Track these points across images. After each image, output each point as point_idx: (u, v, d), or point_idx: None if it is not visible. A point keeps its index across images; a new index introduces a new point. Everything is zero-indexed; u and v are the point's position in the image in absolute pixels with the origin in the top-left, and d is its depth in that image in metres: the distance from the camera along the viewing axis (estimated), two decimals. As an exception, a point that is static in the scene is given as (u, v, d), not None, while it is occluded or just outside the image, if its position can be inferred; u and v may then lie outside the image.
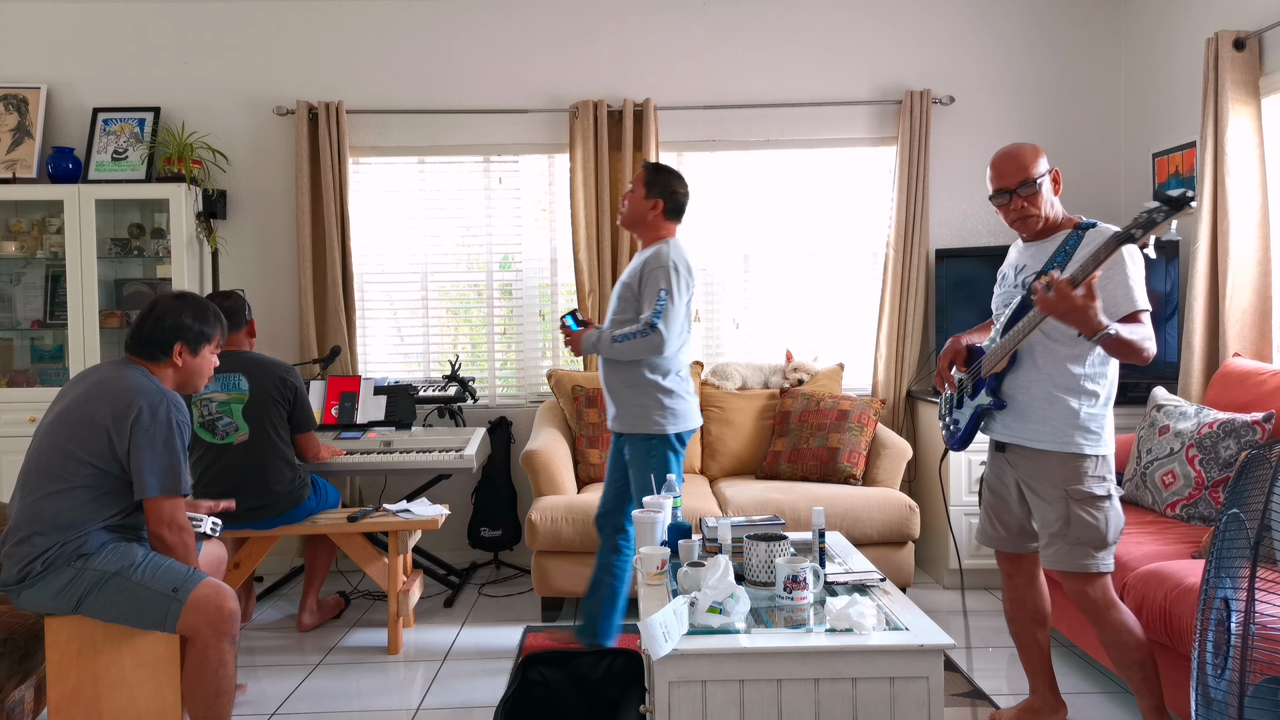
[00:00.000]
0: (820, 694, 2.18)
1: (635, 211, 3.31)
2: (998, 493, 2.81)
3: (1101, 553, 2.55)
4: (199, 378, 2.77)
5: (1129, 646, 2.57)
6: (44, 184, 4.61)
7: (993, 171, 2.66)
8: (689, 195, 3.36)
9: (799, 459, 4.33)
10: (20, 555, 2.52)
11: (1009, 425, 2.66)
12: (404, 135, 4.85)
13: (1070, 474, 2.55)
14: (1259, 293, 3.75)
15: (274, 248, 4.85)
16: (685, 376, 3.32)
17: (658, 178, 3.30)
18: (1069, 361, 2.56)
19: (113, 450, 2.53)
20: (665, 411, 3.23)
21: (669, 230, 3.33)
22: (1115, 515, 2.57)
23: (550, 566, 3.93)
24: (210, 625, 2.54)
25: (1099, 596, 2.57)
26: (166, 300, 2.73)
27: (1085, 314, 2.32)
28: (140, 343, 2.68)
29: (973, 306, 4.62)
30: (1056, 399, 2.56)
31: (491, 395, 4.98)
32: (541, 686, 2.74)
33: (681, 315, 3.21)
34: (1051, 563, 2.60)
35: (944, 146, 4.85)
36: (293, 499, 3.63)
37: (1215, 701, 1.86)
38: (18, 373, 4.75)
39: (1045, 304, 2.36)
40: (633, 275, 3.26)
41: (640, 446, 3.26)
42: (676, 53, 4.86)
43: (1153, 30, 4.61)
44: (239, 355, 3.64)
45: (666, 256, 3.19)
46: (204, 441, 3.59)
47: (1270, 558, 1.84)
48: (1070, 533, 2.55)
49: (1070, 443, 2.55)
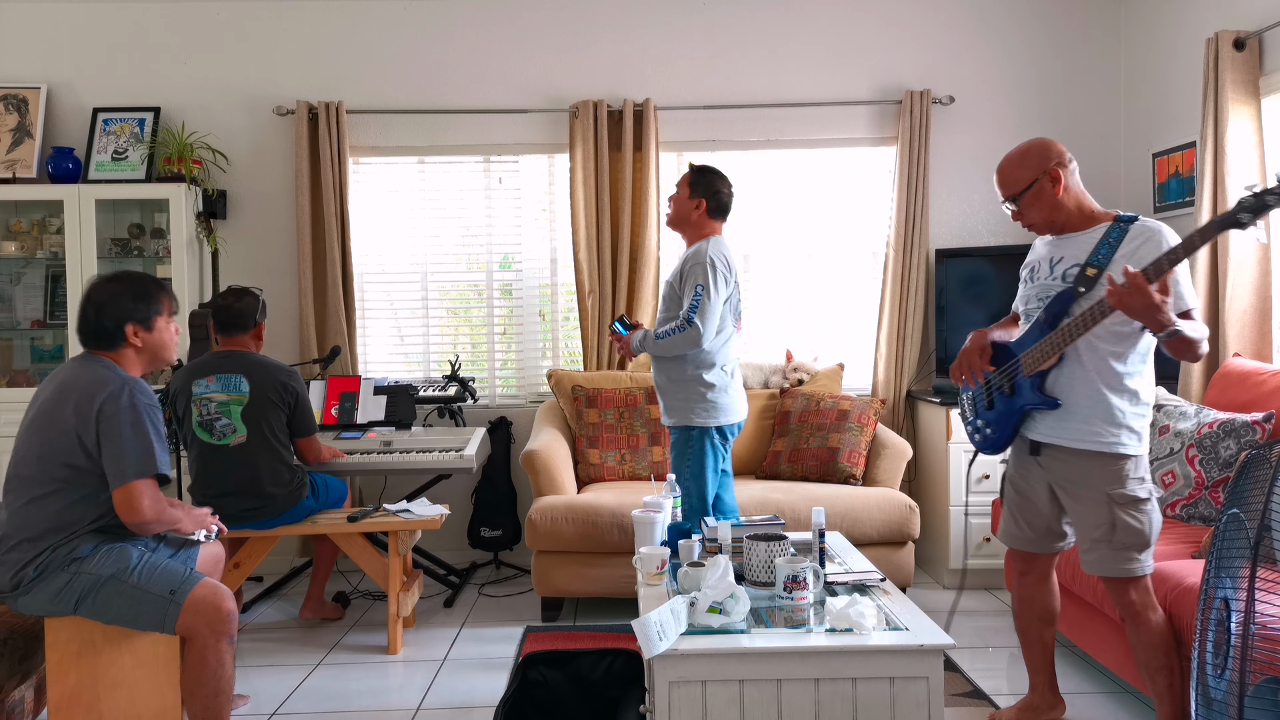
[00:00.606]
0: (820, 694, 2.18)
1: (679, 212, 3.43)
2: (1024, 493, 2.73)
3: (1144, 554, 2.50)
4: (166, 349, 2.70)
5: (1161, 650, 2.53)
6: (44, 184, 4.61)
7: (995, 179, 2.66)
8: (733, 194, 3.47)
9: (799, 459, 4.33)
10: (12, 562, 2.51)
11: (1050, 425, 2.56)
12: (404, 135, 4.85)
13: (1112, 476, 2.49)
14: (1259, 293, 3.75)
15: (274, 248, 4.85)
16: (730, 371, 3.40)
17: (701, 178, 3.41)
18: (1112, 359, 2.49)
19: (84, 448, 2.50)
20: (706, 405, 3.32)
21: (713, 229, 3.42)
22: (1157, 516, 2.53)
23: (550, 566, 3.93)
24: (208, 625, 2.54)
25: (1140, 598, 2.53)
26: (100, 287, 2.64)
27: (1159, 311, 2.25)
28: (90, 336, 2.63)
29: (973, 306, 4.63)
30: (1100, 397, 2.48)
31: (491, 395, 4.98)
32: (541, 686, 2.74)
33: (719, 309, 3.28)
34: (1094, 568, 2.53)
35: (944, 146, 4.85)
36: (289, 501, 3.62)
37: (1215, 701, 1.86)
38: (18, 373, 4.75)
39: (1118, 297, 2.27)
40: (674, 274, 3.39)
41: (681, 438, 3.37)
42: (676, 53, 4.86)
43: (1153, 30, 4.61)
44: (242, 357, 3.63)
45: (705, 253, 3.28)
46: (201, 441, 3.58)
47: (1270, 558, 1.84)
48: (1115, 538, 2.49)
49: (1115, 443, 2.48)
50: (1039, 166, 2.55)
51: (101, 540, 2.55)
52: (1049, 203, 2.56)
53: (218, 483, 3.56)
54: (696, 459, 3.32)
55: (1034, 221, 2.61)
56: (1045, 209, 2.57)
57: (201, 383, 3.58)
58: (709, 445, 3.34)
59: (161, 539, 2.76)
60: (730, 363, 3.39)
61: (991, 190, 4.85)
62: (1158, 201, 4.53)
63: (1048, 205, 2.56)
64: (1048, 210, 2.57)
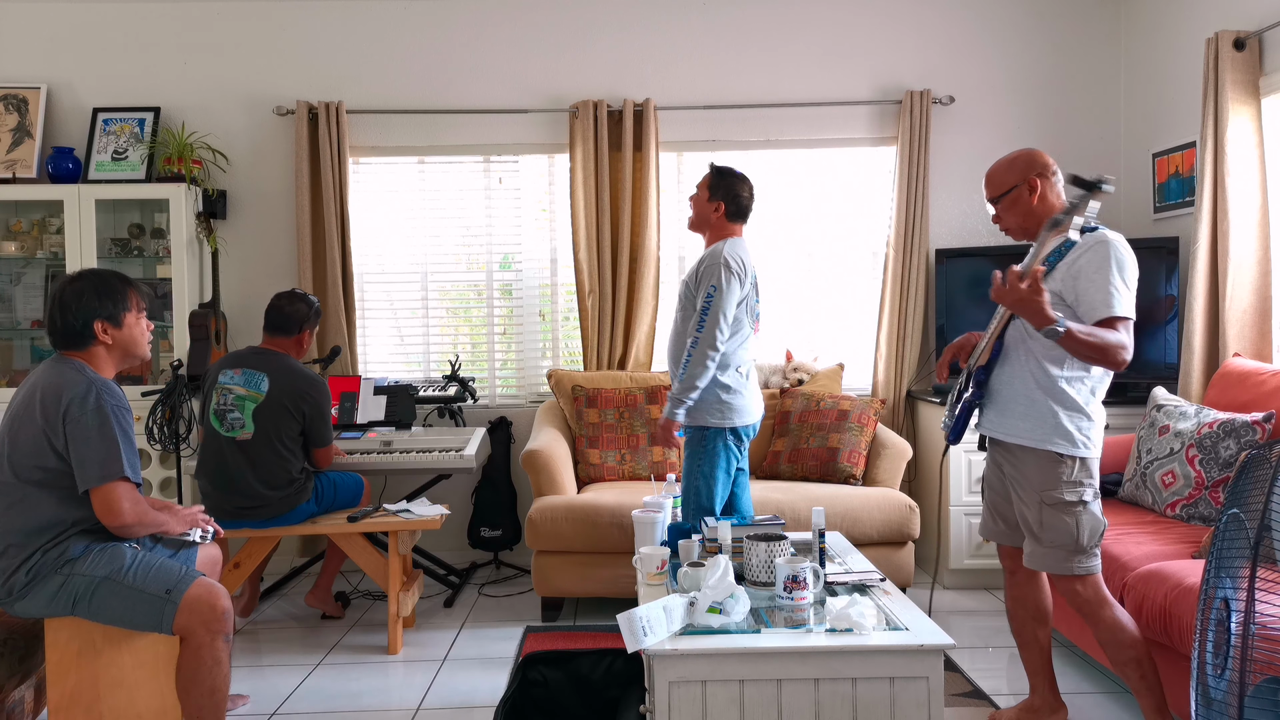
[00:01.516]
0: (820, 694, 2.18)
1: (699, 214, 3.43)
2: (992, 486, 2.84)
3: (1078, 557, 2.56)
4: (137, 345, 2.68)
5: (1124, 645, 2.57)
6: (44, 184, 4.61)
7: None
8: (753, 196, 3.45)
9: (799, 459, 4.33)
10: (1, 569, 2.51)
11: (993, 420, 2.69)
12: (404, 135, 4.85)
13: (1046, 476, 2.56)
14: (1259, 293, 3.75)
15: (274, 248, 4.85)
16: (746, 373, 3.39)
17: (720, 181, 3.41)
18: (1046, 361, 2.57)
19: (54, 450, 2.48)
20: (721, 406, 3.31)
21: (732, 231, 3.42)
22: (1090, 520, 2.56)
23: (550, 566, 3.93)
24: (204, 624, 2.53)
25: (1089, 595, 2.58)
26: (65, 288, 2.60)
27: (1031, 305, 2.38)
28: (60, 337, 2.61)
29: (973, 306, 4.63)
30: (1036, 398, 2.58)
31: (491, 395, 4.98)
32: (541, 686, 2.74)
33: (731, 310, 3.26)
34: (1030, 562, 2.64)
35: (944, 146, 4.85)
36: (285, 504, 3.63)
37: (1215, 701, 1.86)
38: (18, 373, 4.75)
39: (995, 294, 2.44)
40: (690, 274, 3.39)
41: (695, 437, 3.36)
42: (676, 53, 4.86)
43: (1153, 30, 4.61)
44: (274, 357, 3.66)
45: (720, 254, 3.29)
46: (212, 428, 3.62)
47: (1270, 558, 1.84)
48: (1044, 536, 2.58)
49: (1048, 441, 2.56)
50: (1022, 174, 2.66)
51: (92, 541, 2.54)
52: (1024, 209, 2.66)
53: (216, 472, 3.59)
54: (710, 460, 3.31)
55: (1009, 225, 2.72)
56: (1019, 215, 2.68)
57: (228, 373, 3.63)
58: (723, 447, 3.33)
59: (158, 539, 2.75)
60: (745, 364, 3.38)
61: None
62: (1158, 202, 4.53)
63: (1022, 212, 2.67)
64: (1021, 216, 2.68)
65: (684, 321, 3.38)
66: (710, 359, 3.23)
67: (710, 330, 3.22)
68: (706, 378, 3.24)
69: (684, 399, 3.25)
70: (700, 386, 3.24)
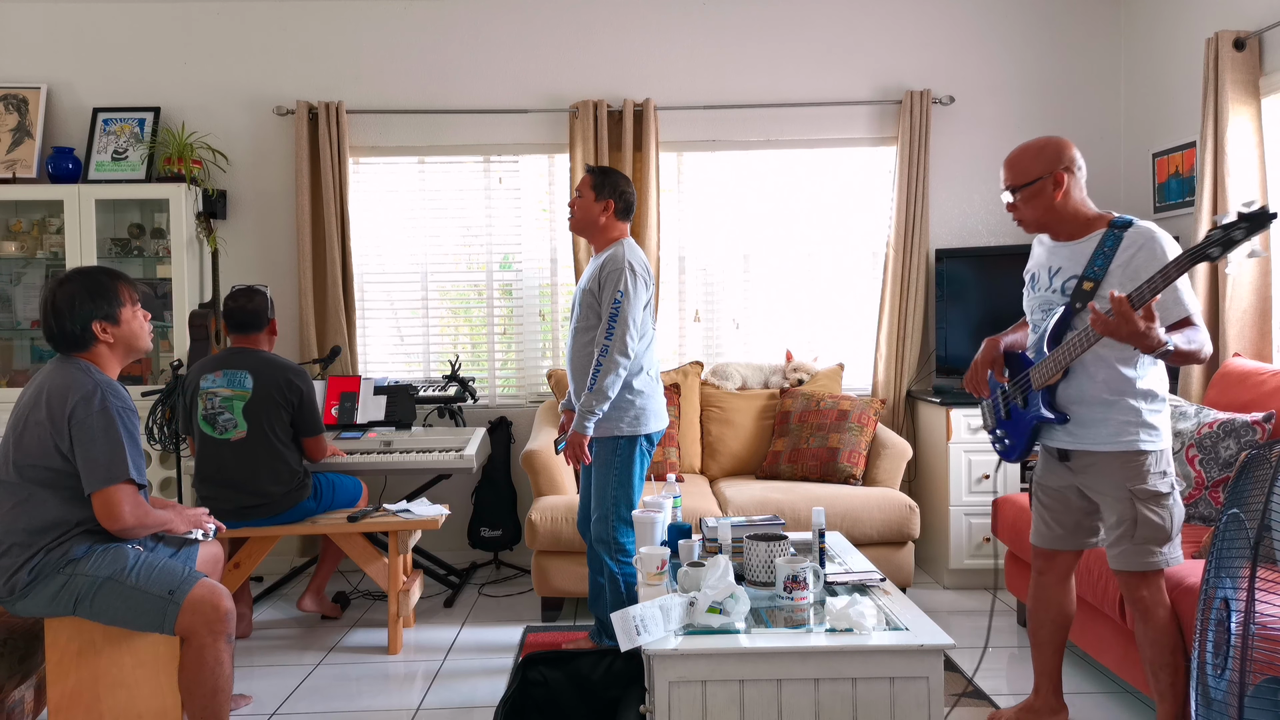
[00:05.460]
0: (820, 694, 2.18)
1: (586, 216, 3.33)
2: (1052, 495, 2.77)
3: (1165, 547, 2.53)
4: (138, 339, 2.67)
5: (1167, 648, 2.55)
6: (44, 184, 4.61)
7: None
8: (635, 193, 3.40)
9: (799, 459, 4.33)
10: (4, 568, 2.51)
11: (1071, 433, 2.60)
12: (404, 135, 4.85)
13: (1132, 473, 2.52)
14: (1259, 293, 3.75)
15: (274, 248, 4.85)
16: (655, 376, 3.33)
17: (605, 179, 3.33)
18: (1121, 365, 2.53)
19: (59, 451, 2.49)
20: (636, 412, 3.24)
21: (621, 231, 3.36)
22: (1178, 509, 2.56)
23: (550, 566, 3.93)
24: (206, 625, 2.53)
25: (1151, 595, 2.56)
26: (56, 292, 2.59)
27: (1146, 337, 2.28)
28: (59, 341, 2.60)
29: (973, 306, 4.63)
30: (1113, 401, 2.53)
31: (491, 395, 4.98)
32: (541, 686, 2.74)
33: (639, 316, 3.20)
34: (1117, 563, 2.57)
35: (944, 146, 4.85)
36: (288, 501, 3.63)
37: (1215, 701, 1.86)
38: (18, 373, 4.75)
39: (1104, 327, 2.30)
40: (591, 280, 3.28)
41: (606, 447, 3.26)
42: (676, 53, 4.86)
43: (1153, 30, 4.61)
44: (251, 354, 3.65)
45: (623, 259, 3.21)
46: (204, 433, 3.61)
47: (1270, 558, 1.84)
48: (1137, 533, 2.53)
49: (1134, 440, 2.52)
50: (1049, 166, 2.55)
51: (95, 541, 2.54)
52: (1045, 204, 2.57)
53: (216, 476, 3.59)
54: (624, 468, 3.23)
55: (1025, 218, 2.62)
56: (1040, 209, 2.58)
57: (209, 377, 3.61)
58: (638, 455, 3.26)
59: (159, 538, 2.75)
60: (654, 367, 3.33)
61: (992, 190, 4.86)
62: (1158, 202, 4.53)
63: (1043, 206, 2.58)
64: (1041, 211, 2.59)
65: (586, 330, 3.29)
66: (622, 366, 3.16)
67: (620, 337, 3.15)
68: (618, 386, 3.17)
69: (596, 410, 3.17)
70: (611, 396, 3.17)
